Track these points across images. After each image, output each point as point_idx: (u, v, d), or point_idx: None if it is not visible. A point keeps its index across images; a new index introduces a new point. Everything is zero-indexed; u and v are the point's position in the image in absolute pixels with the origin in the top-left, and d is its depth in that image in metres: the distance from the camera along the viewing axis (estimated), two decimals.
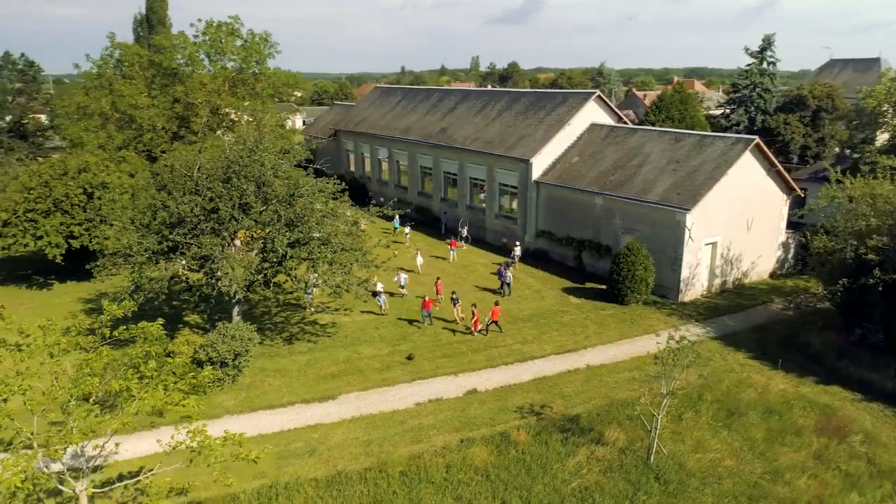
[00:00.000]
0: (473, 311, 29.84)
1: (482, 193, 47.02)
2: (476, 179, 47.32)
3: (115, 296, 25.93)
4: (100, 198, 35.58)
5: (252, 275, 26.74)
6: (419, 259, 39.56)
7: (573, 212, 39.77)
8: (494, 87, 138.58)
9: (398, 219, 50.11)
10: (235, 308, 28.21)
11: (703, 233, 34.24)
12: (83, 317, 17.57)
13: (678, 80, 71.51)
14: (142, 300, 25.76)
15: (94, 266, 25.98)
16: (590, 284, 37.06)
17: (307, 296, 31.84)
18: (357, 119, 63.67)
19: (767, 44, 72.56)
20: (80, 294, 35.32)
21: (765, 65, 73.29)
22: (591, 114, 43.47)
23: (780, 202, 37.32)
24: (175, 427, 15.41)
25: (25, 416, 15.00)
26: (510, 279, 34.84)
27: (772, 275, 38.78)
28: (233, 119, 48.97)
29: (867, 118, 43.88)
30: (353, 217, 30.00)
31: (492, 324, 29.72)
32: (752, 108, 74.21)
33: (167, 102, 45.11)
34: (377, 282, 35.13)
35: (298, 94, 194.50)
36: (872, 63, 75.88)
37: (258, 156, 25.80)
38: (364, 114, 63.71)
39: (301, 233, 26.44)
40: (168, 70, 45.71)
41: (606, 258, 37.00)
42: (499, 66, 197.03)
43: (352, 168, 64.15)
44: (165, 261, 25.07)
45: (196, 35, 46.95)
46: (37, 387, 14.85)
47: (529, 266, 40.26)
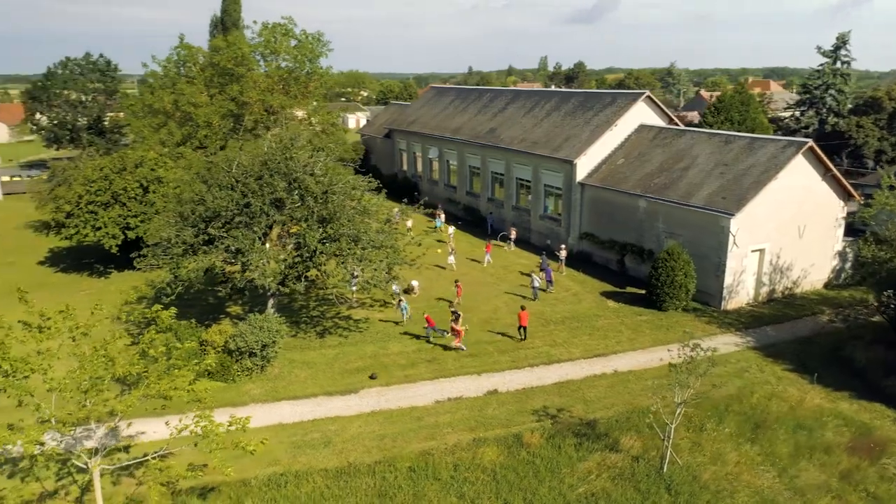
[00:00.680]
0: (452, 325, 28.17)
1: (528, 195, 46.70)
2: (522, 180, 47.06)
3: (156, 286, 27.27)
4: (154, 191, 37.36)
5: (288, 269, 27.55)
6: (451, 258, 39.74)
7: (617, 214, 39.04)
8: (558, 88, 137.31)
9: (443, 217, 50.49)
10: (270, 301, 29.11)
11: (750, 239, 32.98)
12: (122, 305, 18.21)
13: (741, 82, 68.89)
14: (180, 290, 26.99)
15: (138, 256, 27.30)
16: (630, 289, 36.28)
17: (351, 288, 31.46)
18: (410, 118, 64.35)
19: (842, 42, 69.17)
20: (135, 283, 36.87)
21: (838, 64, 69.91)
22: (640, 115, 42.52)
23: (836, 208, 35.51)
24: (182, 412, 16.09)
25: (45, 395, 15.92)
26: (538, 283, 34.28)
27: (826, 285, 36.95)
28: (285, 117, 50.39)
29: None
30: (388, 215, 30.37)
31: (520, 329, 29.30)
32: (824, 110, 70.91)
33: (224, 101, 46.88)
34: (413, 279, 35.59)
35: (364, 94, 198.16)
36: None
37: (291, 153, 26.50)
38: (417, 113, 64.32)
39: (332, 229, 27.03)
40: (224, 70, 47.47)
41: (649, 262, 36.11)
42: (565, 67, 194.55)
43: (404, 167, 64.87)
44: (202, 253, 26.07)
45: (252, 36, 48.66)
46: (56, 367, 15.77)
47: (572, 269, 39.72)
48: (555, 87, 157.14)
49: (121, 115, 78.21)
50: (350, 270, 28.48)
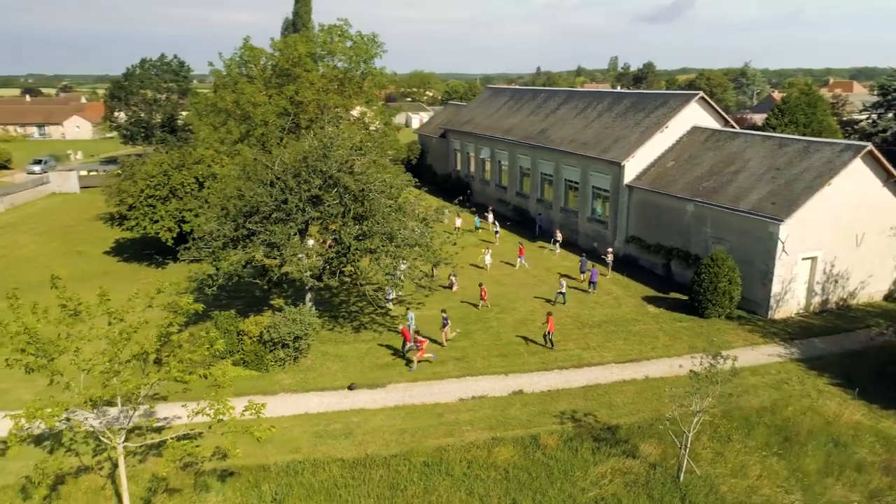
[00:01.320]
0: (416, 338, 26.84)
1: (577, 196, 46.21)
2: (571, 181, 46.60)
3: (199, 278, 28.50)
4: (208, 187, 39.00)
5: (325, 264, 28.34)
6: (488, 258, 39.84)
7: (664, 218, 38.18)
8: (623, 90, 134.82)
9: (491, 217, 50.62)
10: (308, 294, 30.00)
11: (801, 246, 31.69)
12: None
13: (808, 83, 65.78)
14: (221, 282, 28.14)
15: (184, 248, 28.63)
16: (674, 295, 35.45)
17: (397, 282, 30.27)
18: (465, 119, 64.66)
19: None
20: (189, 273, 38.87)
21: None
22: (693, 116, 41.41)
23: None
24: (211, 398, 16.78)
25: (75, 375, 16.94)
26: (564, 288, 33.56)
27: (887, 297, 35.06)
28: (331, 116, 51.50)
29: None
30: (424, 213, 30.76)
31: (546, 336, 28.85)
32: None
33: (280, 100, 48.36)
34: (454, 274, 36.02)
35: (430, 94, 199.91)
36: None
37: (328, 152, 27.21)
38: (472, 113, 64.56)
39: (367, 226, 27.61)
40: (282, 70, 48.96)
41: (695, 268, 35.16)
42: (634, 67, 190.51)
43: (458, 167, 65.24)
44: (241, 247, 27.12)
45: (312, 38, 49.95)
46: (87, 349, 16.79)
47: (617, 273, 39.12)
48: (620, 88, 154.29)
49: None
50: (394, 265, 28.68)
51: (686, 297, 33.74)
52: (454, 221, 48.64)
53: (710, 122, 41.89)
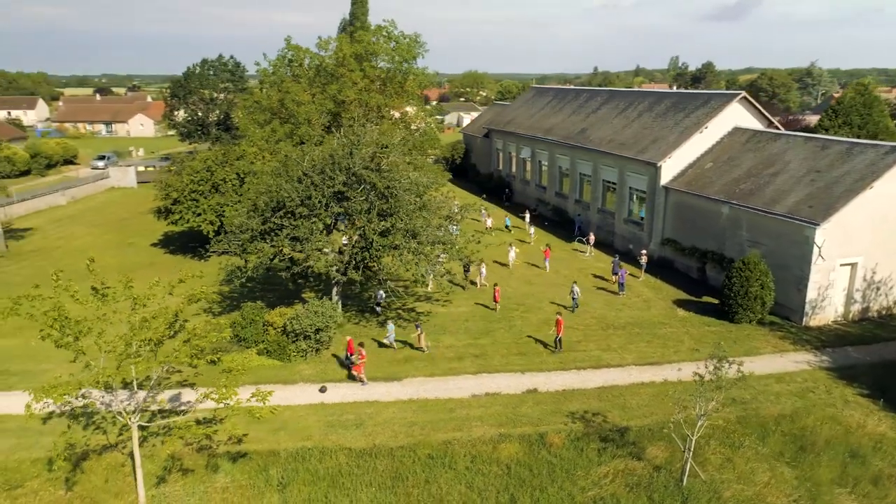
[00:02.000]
0: (360, 350, 25.43)
1: (615, 197, 45.71)
2: (609, 182, 46.11)
3: (228, 269, 29.61)
4: (248, 182, 40.30)
5: (350, 258, 29.03)
6: (512, 254, 39.89)
7: (699, 220, 37.41)
8: (679, 90, 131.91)
9: (528, 217, 50.54)
10: (334, 288, 30.76)
11: (839, 251, 30.58)
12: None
13: (864, 83, 62.95)
14: (248, 274, 29.15)
15: (215, 240, 29.76)
16: (707, 298, 34.70)
17: (419, 278, 29.85)
18: (508, 118, 64.65)
19: None
20: (224, 265, 40.26)
21: None
22: (735, 117, 40.38)
23: None
24: (234, 385, 17.55)
25: (97, 355, 17.96)
26: (578, 293, 32.58)
27: None
28: (382, 115, 52.30)
29: None
30: (448, 211, 31.05)
31: (556, 339, 28.38)
32: None
33: (324, 99, 49.48)
34: (482, 264, 36.45)
35: (483, 94, 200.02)
36: None
37: (351, 150, 27.83)
38: (515, 113, 64.50)
39: (391, 222, 28.11)
40: (326, 70, 50.08)
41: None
42: (696, 67, 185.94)
43: (500, 166, 65.28)
44: (269, 241, 28.02)
45: (358, 38, 50.89)
46: (110, 331, 17.77)
47: (651, 275, 38.55)
48: (674, 88, 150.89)
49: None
50: (427, 265, 29.01)
51: (718, 302, 33.01)
52: (485, 221, 48.98)
53: (753, 123, 40.77)
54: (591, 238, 44.06)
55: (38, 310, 16.73)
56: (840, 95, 61.10)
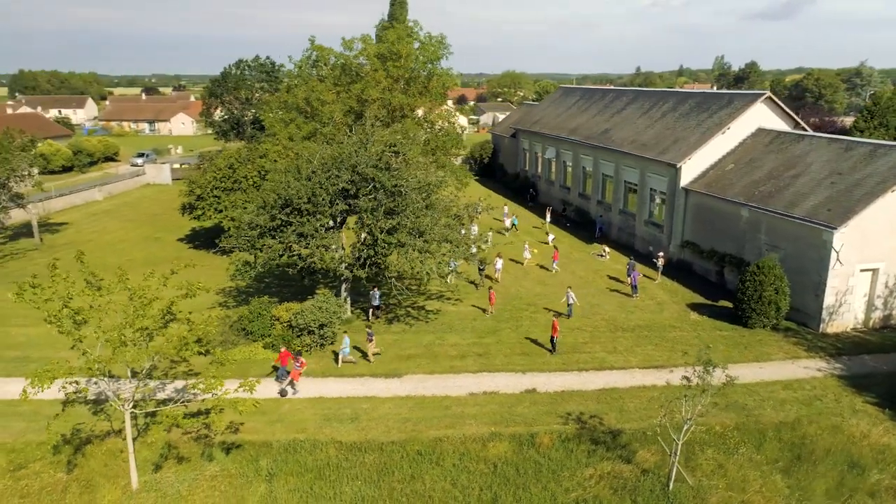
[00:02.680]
0: (299, 360, 24.79)
1: (636, 198, 45.16)
2: (630, 183, 45.55)
3: (237, 264, 30.25)
4: (268, 180, 41.08)
5: (358, 255, 29.39)
6: (527, 253, 39.74)
7: (718, 223, 36.69)
8: (720, 90, 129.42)
9: (548, 217, 50.29)
10: (343, 285, 31.17)
11: (859, 256, 29.65)
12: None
13: None
14: (258, 270, 29.74)
15: (225, 236, 30.45)
16: (723, 303, 33.99)
17: (423, 276, 29.17)
18: (535, 118, 64.38)
19: None
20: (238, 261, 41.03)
21: None
22: (759, 117, 39.48)
23: None
24: (230, 376, 18.03)
25: (94, 343, 18.61)
26: (574, 299, 31.76)
27: None
28: (405, 115, 52.61)
29: None
30: (456, 210, 31.17)
31: (553, 339, 28.04)
32: None
33: (347, 98, 50.05)
34: (498, 257, 36.52)
35: (521, 94, 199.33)
36: None
37: (355, 148, 28.16)
38: (542, 113, 64.19)
39: (397, 220, 28.35)
40: (350, 69, 50.64)
41: None
42: (735, 67, 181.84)
43: (526, 166, 65.05)
44: (276, 237, 28.55)
45: (384, 38, 51.38)
46: (107, 321, 18.43)
47: (669, 278, 37.96)
48: (714, 89, 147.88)
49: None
50: (446, 263, 29.16)
51: (732, 306, 32.35)
52: (505, 220, 48.93)
53: (779, 124, 39.79)
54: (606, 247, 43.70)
55: (40, 298, 17.47)
56: (873, 95, 59.11)
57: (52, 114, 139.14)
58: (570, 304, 31.80)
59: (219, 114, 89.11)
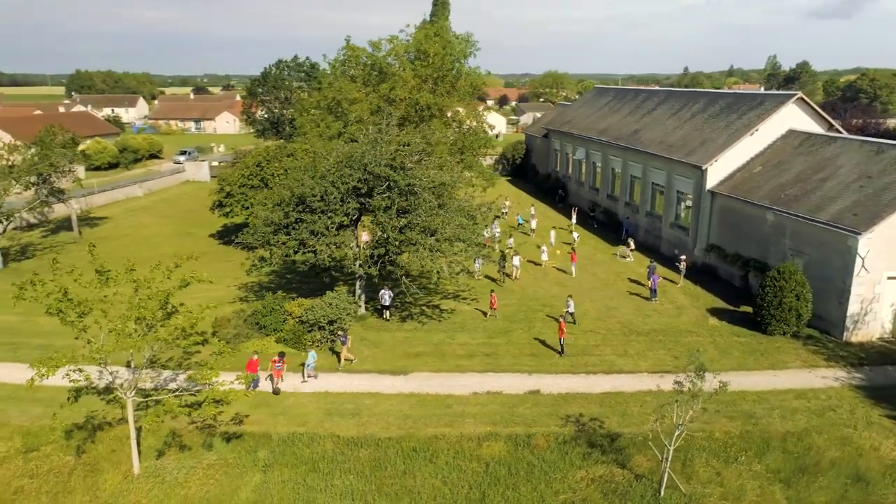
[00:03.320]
0: (281, 362, 24.62)
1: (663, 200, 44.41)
2: (657, 185, 44.82)
3: (253, 260, 30.92)
4: (287, 178, 41.89)
5: (372, 252, 29.76)
6: (544, 255, 39.45)
7: (743, 226, 35.81)
8: (769, 91, 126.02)
9: (574, 219, 49.86)
10: (358, 282, 31.56)
11: (887, 264, 28.58)
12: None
13: None
14: (271, 266, 30.35)
15: (242, 232, 31.15)
16: (745, 308, 33.15)
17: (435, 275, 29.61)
18: (567, 119, 63.88)
19: None
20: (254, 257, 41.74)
21: None
22: (790, 119, 38.34)
23: None
24: (237, 369, 18.56)
25: (98, 333, 19.30)
26: (573, 307, 30.93)
27: None
28: (433, 114, 52.80)
29: None
30: (469, 210, 31.21)
31: (561, 341, 27.76)
32: None
33: (375, 98, 50.55)
34: (517, 255, 36.45)
35: (563, 94, 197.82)
36: None
37: (366, 147, 28.48)
38: (574, 114, 63.64)
39: (409, 219, 28.58)
40: (378, 68, 51.13)
41: None
42: (787, 67, 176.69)
43: (557, 167, 64.59)
44: (291, 234, 29.10)
45: (408, 38, 51.74)
46: (113, 312, 19.12)
47: (692, 282, 37.21)
48: (762, 90, 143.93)
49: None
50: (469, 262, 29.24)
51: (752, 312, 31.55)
52: (529, 224, 48.79)
53: (811, 126, 38.59)
54: (631, 243, 42.97)
55: (42, 292, 18.25)
56: None
57: (105, 112, 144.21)
58: (572, 314, 30.91)
59: (260, 113, 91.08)
